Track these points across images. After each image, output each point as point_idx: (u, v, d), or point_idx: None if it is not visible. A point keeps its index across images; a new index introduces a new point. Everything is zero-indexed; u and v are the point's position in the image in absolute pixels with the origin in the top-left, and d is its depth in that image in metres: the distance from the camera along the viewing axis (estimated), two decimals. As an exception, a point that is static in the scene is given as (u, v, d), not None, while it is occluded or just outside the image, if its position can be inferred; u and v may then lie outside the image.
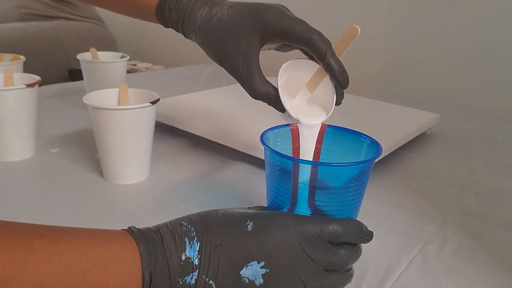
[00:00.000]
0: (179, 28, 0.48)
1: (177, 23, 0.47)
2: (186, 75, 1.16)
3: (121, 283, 0.29)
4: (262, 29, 0.42)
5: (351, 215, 0.35)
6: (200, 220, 0.33)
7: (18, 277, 0.25)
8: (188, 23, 0.46)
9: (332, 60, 0.39)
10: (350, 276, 0.35)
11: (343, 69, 0.40)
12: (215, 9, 0.45)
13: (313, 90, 0.41)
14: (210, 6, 0.45)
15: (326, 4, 1.24)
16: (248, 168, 0.61)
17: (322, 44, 0.40)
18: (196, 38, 0.46)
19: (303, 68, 0.42)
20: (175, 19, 0.47)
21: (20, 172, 0.58)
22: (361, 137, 0.39)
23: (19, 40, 1.41)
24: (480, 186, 0.60)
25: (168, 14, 0.47)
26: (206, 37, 0.45)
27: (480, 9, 1.02)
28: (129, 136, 0.52)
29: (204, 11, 0.45)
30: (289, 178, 0.35)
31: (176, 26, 0.48)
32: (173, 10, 0.47)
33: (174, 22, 0.48)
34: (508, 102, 1.01)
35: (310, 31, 0.40)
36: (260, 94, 0.42)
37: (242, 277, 0.31)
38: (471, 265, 0.43)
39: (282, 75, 0.41)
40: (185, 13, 0.46)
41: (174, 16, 0.47)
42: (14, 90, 0.56)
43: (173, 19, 0.47)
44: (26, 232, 0.27)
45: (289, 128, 0.40)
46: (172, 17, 0.47)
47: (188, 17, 0.46)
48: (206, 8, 0.45)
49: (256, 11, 0.42)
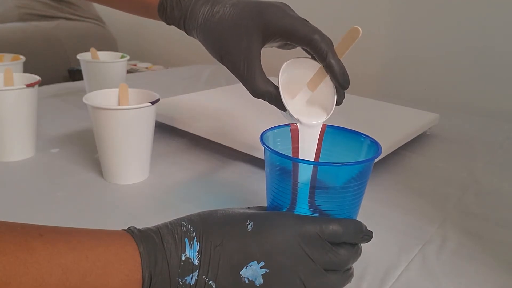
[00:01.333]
0: (181, 25, 0.48)
1: (179, 21, 0.47)
2: (186, 75, 1.16)
3: (121, 283, 0.29)
4: (264, 28, 0.41)
5: (351, 215, 0.35)
6: (200, 221, 0.33)
7: (18, 277, 0.25)
8: (190, 21, 0.46)
9: (333, 61, 0.39)
10: (350, 276, 0.35)
11: (344, 70, 0.40)
12: (216, 7, 0.44)
13: (314, 90, 0.41)
14: (212, 4, 0.45)
15: (326, 4, 1.24)
16: (248, 168, 0.61)
17: (323, 45, 0.39)
18: (198, 36, 0.46)
19: (305, 67, 0.41)
20: (177, 17, 0.47)
21: (20, 172, 0.58)
22: (361, 137, 0.39)
23: (19, 40, 1.42)
24: (480, 186, 0.60)
25: (170, 12, 0.47)
26: (208, 36, 0.45)
27: (480, 9, 1.02)
28: (129, 136, 0.52)
29: (206, 9, 0.45)
30: (289, 178, 0.35)
31: (178, 24, 0.48)
32: (175, 8, 0.47)
33: (176, 20, 0.47)
34: (508, 102, 1.01)
35: (312, 31, 0.40)
36: (261, 93, 0.42)
37: (242, 277, 0.31)
38: (471, 265, 0.43)
39: (283, 73, 0.41)
40: (187, 11, 0.46)
41: (176, 14, 0.47)
42: (14, 90, 0.56)
43: (175, 17, 0.47)
44: (26, 232, 0.27)
45: (288, 128, 0.40)
46: (174, 15, 0.47)
47: (190, 15, 0.46)
48: (208, 6, 0.45)
49: (258, 10, 0.42)
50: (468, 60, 1.05)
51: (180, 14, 0.47)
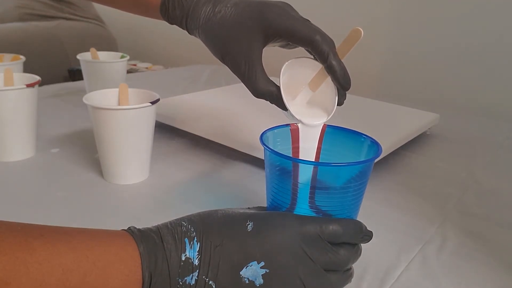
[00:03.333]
0: (183, 25, 0.48)
1: (181, 20, 0.47)
2: (186, 75, 1.16)
3: (121, 283, 0.29)
4: (265, 29, 0.41)
5: (351, 215, 0.35)
6: (200, 221, 0.33)
7: (18, 277, 0.25)
8: (192, 20, 0.46)
9: (334, 62, 0.39)
10: (350, 276, 0.35)
11: (345, 71, 0.40)
12: (218, 7, 0.44)
13: (315, 90, 0.41)
14: (214, 4, 0.45)
15: (326, 5, 1.24)
16: (248, 168, 0.61)
17: (325, 46, 0.39)
18: (200, 35, 0.46)
19: (306, 67, 0.41)
20: (179, 16, 0.47)
21: (20, 172, 0.58)
22: (361, 137, 0.39)
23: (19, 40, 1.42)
24: (480, 186, 0.60)
25: (172, 11, 0.47)
26: (210, 35, 0.45)
27: (480, 9, 1.02)
28: (129, 136, 0.52)
29: (207, 9, 0.45)
30: (289, 178, 0.35)
31: (180, 23, 0.48)
32: (176, 8, 0.47)
33: (178, 19, 0.48)
34: (508, 102, 1.01)
35: (313, 32, 0.40)
36: (262, 93, 0.42)
37: (242, 278, 0.31)
38: (471, 265, 0.43)
39: (284, 73, 0.41)
40: (188, 11, 0.46)
41: (178, 13, 0.47)
42: (14, 90, 0.56)
43: (177, 17, 0.47)
44: (26, 232, 0.27)
45: (288, 128, 0.40)
46: (176, 15, 0.47)
47: (192, 15, 0.46)
48: (210, 6, 0.45)
49: (260, 9, 0.42)
50: (468, 60, 1.05)
51: (182, 13, 0.47)
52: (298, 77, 0.41)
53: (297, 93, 0.41)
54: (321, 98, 0.41)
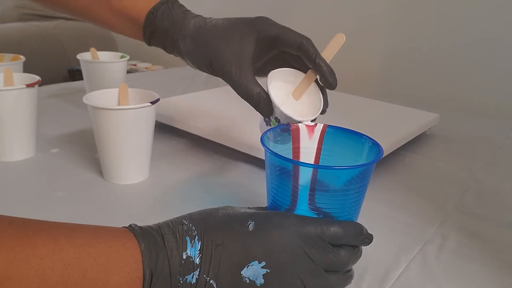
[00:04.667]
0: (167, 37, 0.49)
1: (166, 32, 0.50)
2: (186, 75, 1.16)
3: (122, 281, 0.29)
4: (256, 34, 0.45)
5: (351, 216, 0.35)
6: (201, 219, 0.33)
7: (19, 272, 0.25)
8: (180, 30, 0.49)
9: (322, 61, 0.43)
10: (350, 277, 0.35)
11: (332, 70, 0.43)
12: (209, 19, 0.49)
13: (298, 98, 0.44)
14: (204, 18, 0.49)
15: (326, 5, 1.24)
16: (248, 168, 0.61)
17: (312, 47, 0.43)
18: (186, 44, 0.48)
19: (289, 76, 0.44)
20: (166, 26, 0.49)
21: (20, 172, 0.58)
22: (362, 138, 0.39)
23: (19, 40, 1.42)
24: (480, 186, 0.60)
25: (160, 22, 0.50)
26: (199, 41, 0.47)
27: (480, 9, 1.02)
28: (129, 136, 0.52)
29: (198, 20, 0.49)
30: (289, 179, 0.35)
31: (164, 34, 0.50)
32: (165, 19, 0.50)
33: (163, 31, 0.50)
34: (508, 102, 1.01)
35: (300, 36, 0.44)
36: (251, 94, 0.44)
37: (243, 277, 0.31)
38: (471, 265, 0.43)
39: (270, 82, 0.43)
40: (177, 22, 0.49)
41: (166, 24, 0.50)
42: (14, 90, 0.56)
43: (162, 27, 0.50)
44: (28, 228, 0.27)
45: (289, 128, 0.40)
46: (163, 26, 0.50)
47: (181, 25, 0.49)
48: (200, 18, 0.49)
49: (250, 20, 0.46)
50: (468, 60, 1.05)
51: (169, 25, 0.49)
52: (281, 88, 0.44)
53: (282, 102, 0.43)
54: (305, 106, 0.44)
